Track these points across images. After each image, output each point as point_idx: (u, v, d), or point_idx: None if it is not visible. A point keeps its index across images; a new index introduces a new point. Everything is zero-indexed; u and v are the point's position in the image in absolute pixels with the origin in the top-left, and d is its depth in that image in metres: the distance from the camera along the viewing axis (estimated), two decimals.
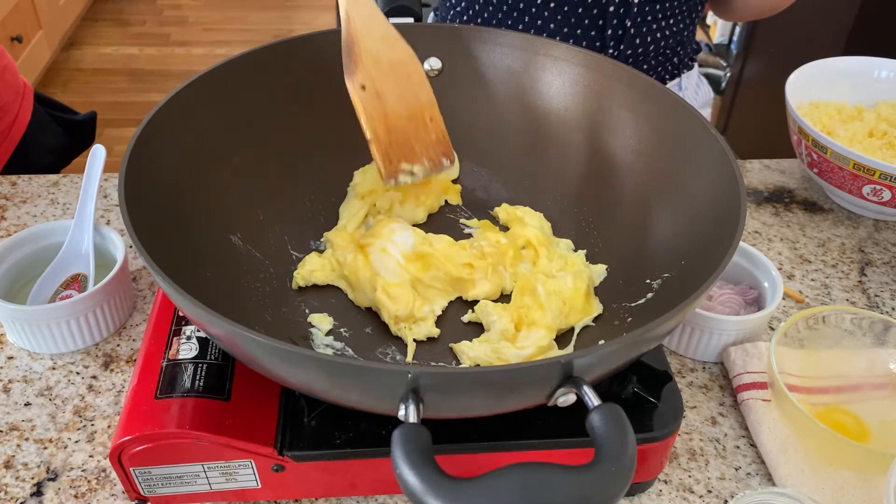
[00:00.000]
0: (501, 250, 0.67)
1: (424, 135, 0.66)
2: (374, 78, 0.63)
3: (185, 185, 0.61)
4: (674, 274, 0.59)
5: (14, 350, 0.69)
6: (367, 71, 0.63)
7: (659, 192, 0.64)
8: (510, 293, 0.66)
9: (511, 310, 0.62)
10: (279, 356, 0.43)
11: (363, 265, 0.65)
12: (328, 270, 0.66)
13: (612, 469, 0.39)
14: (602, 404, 0.42)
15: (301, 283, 0.66)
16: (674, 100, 0.64)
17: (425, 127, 0.66)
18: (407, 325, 0.62)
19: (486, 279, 0.65)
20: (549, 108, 0.72)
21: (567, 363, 0.41)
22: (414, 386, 0.41)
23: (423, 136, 0.66)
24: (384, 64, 0.64)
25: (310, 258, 0.67)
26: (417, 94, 0.66)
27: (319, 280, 0.66)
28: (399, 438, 0.39)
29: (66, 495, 0.58)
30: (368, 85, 0.63)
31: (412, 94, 0.65)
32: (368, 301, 0.64)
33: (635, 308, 0.61)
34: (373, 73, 0.63)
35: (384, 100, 0.64)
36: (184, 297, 0.44)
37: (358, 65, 0.62)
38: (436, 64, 0.73)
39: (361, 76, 0.62)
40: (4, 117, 0.98)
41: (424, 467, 0.38)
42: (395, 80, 0.64)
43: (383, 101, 0.64)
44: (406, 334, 0.62)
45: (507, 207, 0.72)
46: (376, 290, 0.63)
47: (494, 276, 0.65)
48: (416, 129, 0.66)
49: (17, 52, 2.56)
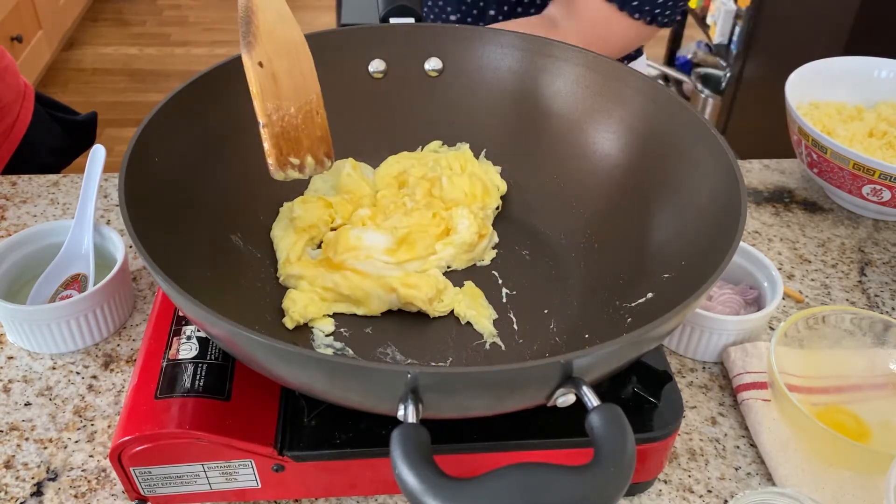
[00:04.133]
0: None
1: (311, 130, 0.62)
2: (271, 57, 0.59)
3: (186, 185, 0.61)
4: (674, 274, 0.59)
5: (14, 350, 0.69)
6: (264, 47, 0.59)
7: (659, 192, 0.64)
8: None
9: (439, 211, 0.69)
10: (279, 356, 0.43)
11: (361, 277, 0.64)
12: (320, 301, 0.63)
13: (612, 469, 0.39)
14: (601, 405, 0.41)
15: (299, 320, 0.62)
16: (674, 100, 0.64)
17: (312, 121, 0.62)
18: (437, 301, 0.63)
19: (465, 219, 0.68)
20: (549, 108, 0.72)
21: (567, 363, 0.41)
22: (413, 386, 0.41)
23: (310, 131, 0.62)
24: (279, 43, 0.60)
25: (291, 296, 0.63)
26: (307, 85, 0.62)
27: (317, 313, 0.63)
28: (398, 438, 0.39)
29: (66, 495, 0.58)
30: (266, 63, 0.58)
31: (302, 83, 0.61)
32: (387, 304, 0.64)
33: (635, 308, 0.61)
34: (269, 50, 0.59)
35: (279, 83, 0.59)
36: (184, 297, 0.44)
37: (257, 38, 0.58)
38: (436, 64, 0.73)
39: (259, 51, 0.58)
40: (5, 118, 0.98)
41: (423, 467, 0.38)
42: (289, 62, 0.60)
43: (278, 84, 0.59)
44: (440, 311, 0.64)
45: None
46: (395, 288, 0.63)
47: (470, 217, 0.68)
48: (303, 122, 0.61)
49: (17, 52, 2.56)
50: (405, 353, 0.61)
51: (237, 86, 0.66)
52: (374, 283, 0.63)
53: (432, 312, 0.64)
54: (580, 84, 0.70)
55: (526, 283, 0.67)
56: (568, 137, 0.71)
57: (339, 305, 0.64)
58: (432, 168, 0.72)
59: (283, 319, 0.62)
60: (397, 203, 0.70)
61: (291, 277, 0.65)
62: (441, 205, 0.70)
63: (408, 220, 0.68)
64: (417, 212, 0.69)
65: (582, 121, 0.70)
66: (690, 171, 0.61)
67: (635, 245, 0.65)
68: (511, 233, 0.72)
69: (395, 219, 0.69)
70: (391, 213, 0.69)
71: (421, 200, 0.70)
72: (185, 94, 0.61)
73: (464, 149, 0.74)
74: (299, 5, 3.46)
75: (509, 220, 0.73)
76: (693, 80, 2.72)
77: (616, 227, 0.67)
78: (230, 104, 0.66)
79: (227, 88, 0.65)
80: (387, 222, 0.69)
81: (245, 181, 0.67)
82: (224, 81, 0.65)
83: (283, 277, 0.65)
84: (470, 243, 0.67)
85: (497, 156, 0.75)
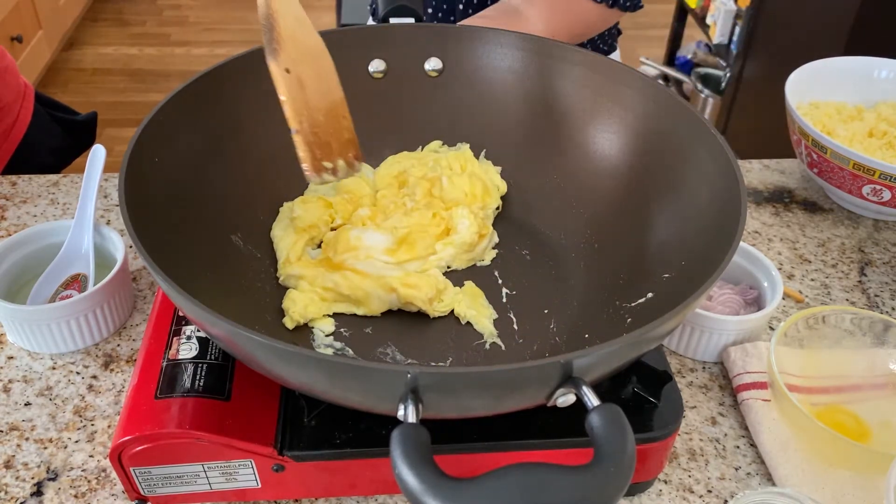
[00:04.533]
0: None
1: (338, 133, 0.62)
2: (296, 62, 0.59)
3: (186, 185, 0.61)
4: (674, 274, 0.59)
5: (14, 350, 0.69)
6: (289, 53, 0.59)
7: (659, 193, 0.64)
8: None
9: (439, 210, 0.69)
10: (279, 356, 0.43)
11: (361, 277, 0.63)
12: (320, 301, 0.63)
13: (611, 469, 0.39)
14: (601, 404, 0.41)
15: (300, 320, 0.62)
16: (674, 100, 0.64)
17: (339, 125, 0.62)
18: (437, 301, 0.63)
19: (465, 218, 0.68)
20: (549, 108, 0.72)
21: (567, 363, 0.41)
22: (413, 386, 0.41)
23: (338, 135, 0.62)
24: (301, 48, 0.60)
25: (291, 296, 0.63)
26: (331, 88, 0.62)
27: (317, 313, 0.63)
28: (398, 438, 0.39)
29: (66, 495, 0.58)
30: (292, 69, 0.59)
31: (326, 86, 0.62)
32: (387, 304, 0.63)
33: (635, 308, 0.61)
34: (294, 56, 0.59)
35: (305, 89, 0.60)
36: (185, 297, 0.44)
37: (281, 45, 0.58)
38: (437, 64, 0.73)
39: (284, 57, 0.58)
40: (5, 118, 0.98)
41: (423, 467, 0.38)
42: (312, 68, 0.61)
43: (305, 90, 0.60)
44: (440, 311, 0.64)
45: None
46: (395, 288, 0.63)
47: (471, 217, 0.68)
48: (332, 126, 0.62)
49: (17, 52, 2.56)
50: (405, 353, 0.61)
51: (237, 86, 0.66)
52: (374, 283, 0.63)
53: (432, 312, 0.64)
54: (580, 84, 0.70)
55: (526, 283, 0.67)
56: (568, 137, 0.71)
57: (339, 305, 0.64)
58: (432, 168, 0.72)
59: (283, 319, 0.62)
60: (397, 203, 0.70)
61: (291, 277, 0.65)
62: (441, 205, 0.70)
63: (408, 219, 0.68)
64: (417, 212, 0.69)
65: (582, 120, 0.70)
66: (690, 172, 0.61)
67: (635, 245, 0.65)
68: (511, 233, 0.72)
69: (395, 218, 0.69)
70: (391, 213, 0.69)
71: (421, 200, 0.70)
72: (185, 94, 0.61)
73: (464, 149, 0.74)
74: (311, 5, 3.46)
75: (509, 220, 0.73)
76: (693, 80, 2.72)
77: (616, 227, 0.67)
78: (230, 104, 0.66)
79: (228, 88, 0.65)
80: (387, 222, 0.69)
81: (245, 181, 0.67)
82: (224, 81, 0.65)
83: (283, 277, 0.65)
84: (470, 243, 0.67)
85: (497, 155, 0.75)
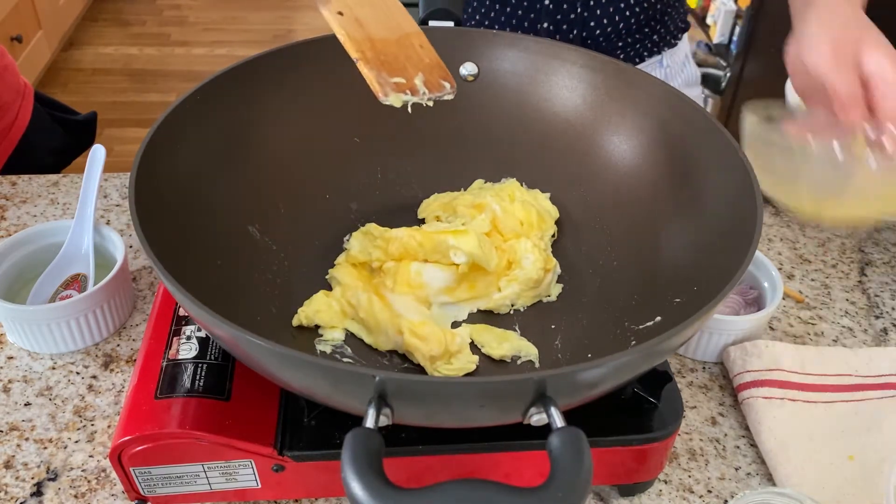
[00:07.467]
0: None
1: (416, 58, 0.60)
2: (350, 6, 0.59)
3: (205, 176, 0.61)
4: (684, 299, 0.57)
5: (14, 350, 0.69)
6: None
7: (681, 211, 0.63)
8: None
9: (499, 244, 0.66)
10: (248, 347, 0.43)
11: (381, 307, 0.61)
12: (334, 312, 0.62)
13: (559, 495, 0.38)
14: (565, 427, 0.41)
15: (304, 321, 0.61)
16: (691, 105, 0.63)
17: (416, 52, 0.60)
18: (443, 361, 0.59)
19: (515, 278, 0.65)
20: (580, 118, 0.71)
21: (539, 381, 0.41)
22: (381, 390, 0.41)
23: (416, 60, 0.60)
24: None
25: (317, 297, 0.62)
26: (400, 24, 0.61)
27: (324, 322, 0.61)
28: (349, 443, 0.39)
29: (66, 495, 0.58)
30: (346, 12, 0.58)
31: (394, 22, 0.61)
32: (392, 344, 0.61)
33: (642, 331, 0.59)
34: (348, 1, 0.59)
35: (366, 27, 0.59)
36: (183, 294, 0.44)
37: None
38: (472, 69, 0.71)
39: (336, 3, 0.58)
40: (4, 117, 0.98)
41: (370, 474, 0.38)
42: (371, 8, 0.60)
43: (365, 27, 0.59)
44: (444, 373, 0.59)
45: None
46: (403, 333, 0.59)
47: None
48: (406, 53, 0.60)
49: (17, 52, 2.56)
50: (404, 360, 0.61)
51: (263, 83, 0.66)
52: (388, 318, 0.61)
53: (431, 371, 0.59)
54: (597, 93, 0.69)
55: None
56: (594, 153, 0.70)
57: (352, 324, 0.62)
58: (478, 194, 0.70)
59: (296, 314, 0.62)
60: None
61: (334, 278, 0.65)
62: (499, 237, 0.67)
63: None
64: None
65: (606, 135, 0.69)
66: (713, 194, 0.60)
67: (651, 265, 0.63)
68: None
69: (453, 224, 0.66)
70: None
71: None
72: (208, 88, 0.61)
73: (510, 182, 0.72)
74: (299, 5, 3.46)
75: None
76: None
77: (635, 245, 0.66)
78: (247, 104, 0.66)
79: (254, 84, 0.65)
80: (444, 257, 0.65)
81: (266, 174, 0.67)
82: (248, 78, 0.65)
83: (327, 277, 0.66)
84: (536, 279, 0.64)
85: (513, 161, 0.74)
